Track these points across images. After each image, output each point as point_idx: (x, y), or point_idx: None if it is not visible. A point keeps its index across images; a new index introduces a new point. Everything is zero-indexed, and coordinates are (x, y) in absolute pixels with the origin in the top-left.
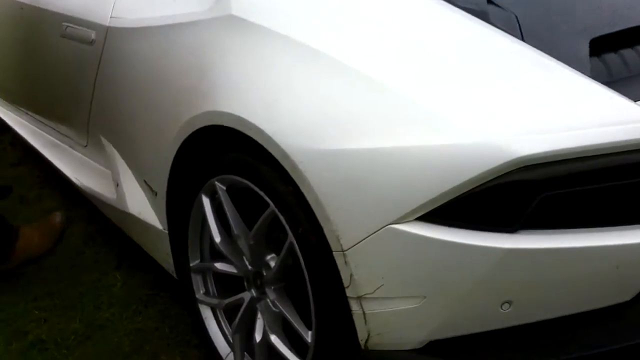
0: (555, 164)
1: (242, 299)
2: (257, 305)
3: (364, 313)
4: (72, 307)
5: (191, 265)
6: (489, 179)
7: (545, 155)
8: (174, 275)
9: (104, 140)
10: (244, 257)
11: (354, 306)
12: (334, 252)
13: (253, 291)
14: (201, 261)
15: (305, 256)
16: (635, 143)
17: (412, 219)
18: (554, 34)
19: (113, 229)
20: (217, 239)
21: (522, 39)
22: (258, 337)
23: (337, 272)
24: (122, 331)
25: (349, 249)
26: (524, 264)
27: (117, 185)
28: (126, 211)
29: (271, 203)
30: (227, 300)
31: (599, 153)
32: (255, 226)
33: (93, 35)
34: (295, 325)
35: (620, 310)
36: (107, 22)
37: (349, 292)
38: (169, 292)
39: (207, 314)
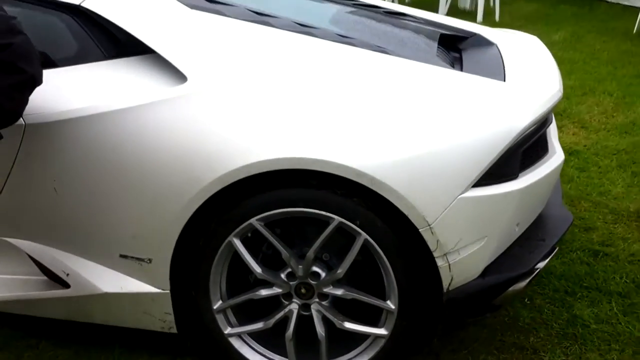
0: (528, 130)
1: (291, 311)
2: (312, 307)
3: (449, 264)
4: None
5: (215, 307)
6: (504, 151)
7: (527, 125)
8: (171, 331)
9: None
10: (284, 275)
11: (440, 262)
12: (420, 230)
13: (297, 301)
14: (223, 301)
15: (383, 244)
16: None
17: (470, 187)
18: None
19: None
20: (258, 270)
21: None
22: (322, 331)
23: (419, 244)
24: None
25: (433, 222)
26: (525, 194)
27: (68, 275)
28: (96, 293)
29: (336, 217)
30: (274, 319)
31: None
32: (318, 242)
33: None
34: (373, 301)
35: None
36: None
37: (436, 254)
38: None
39: (238, 344)
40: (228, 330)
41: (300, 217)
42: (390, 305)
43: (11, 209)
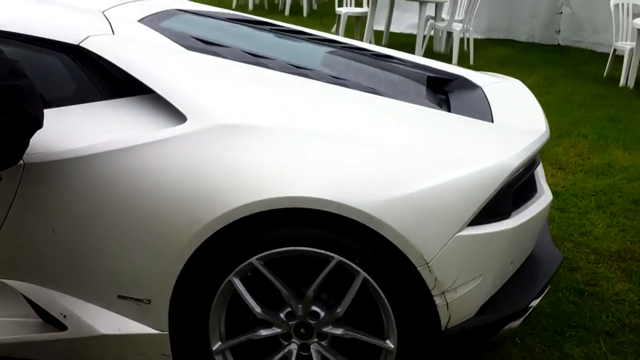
0: (520, 169)
1: (290, 351)
2: (311, 347)
3: (447, 303)
4: None
5: (214, 348)
6: (498, 190)
7: (520, 164)
8: None
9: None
10: (284, 315)
11: (438, 300)
12: (418, 268)
13: (296, 341)
14: (222, 342)
15: (381, 282)
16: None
17: (466, 226)
18: None
19: None
20: (258, 310)
21: None
22: None
23: (417, 282)
24: None
25: (431, 260)
26: (518, 232)
27: (65, 316)
28: (94, 335)
29: (335, 256)
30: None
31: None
32: (318, 280)
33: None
34: (372, 340)
35: None
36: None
37: (434, 292)
38: None
39: None
40: None
41: (299, 256)
42: (390, 344)
43: (8, 250)
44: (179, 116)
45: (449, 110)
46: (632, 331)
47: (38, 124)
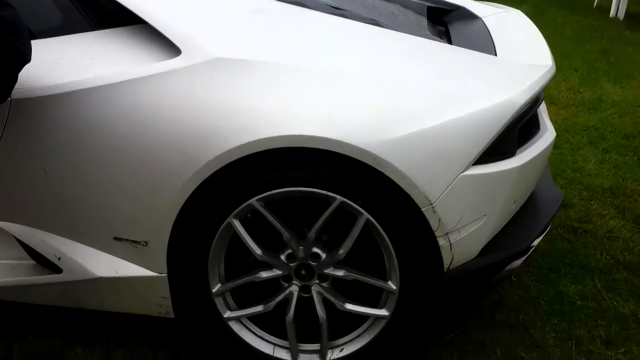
0: (523, 109)
1: (291, 293)
2: (312, 289)
3: (450, 244)
4: None
5: (214, 290)
6: (504, 128)
7: (526, 101)
8: (168, 316)
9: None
10: (284, 257)
11: (442, 241)
12: (422, 209)
13: (297, 283)
14: (222, 284)
15: (384, 223)
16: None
17: (470, 165)
18: None
19: None
20: (258, 252)
21: None
22: (322, 313)
23: (421, 223)
24: None
25: (435, 201)
26: (523, 171)
27: (59, 259)
28: (90, 278)
29: (338, 197)
30: (274, 301)
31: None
32: (319, 222)
33: None
34: (375, 282)
35: None
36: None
37: (437, 233)
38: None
39: (237, 327)
40: (227, 314)
41: (299, 197)
42: (392, 285)
43: (0, 191)
44: (172, 49)
45: (450, 43)
46: (626, 268)
47: (25, 58)
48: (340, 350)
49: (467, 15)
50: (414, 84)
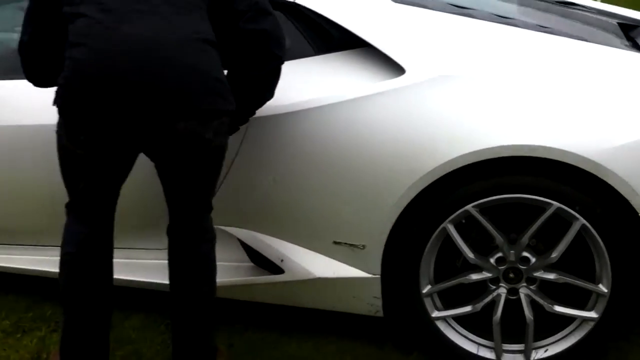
0: None
1: (499, 295)
2: (520, 291)
3: None
4: None
5: (423, 291)
6: None
7: None
8: (377, 315)
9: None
10: (494, 260)
11: None
12: None
13: (505, 285)
14: (431, 285)
15: (600, 229)
16: None
17: None
18: None
19: None
20: (471, 255)
21: None
22: (530, 315)
23: (637, 229)
24: None
25: None
26: None
27: (282, 261)
28: (309, 278)
29: (555, 203)
30: (482, 303)
31: None
32: (534, 227)
33: None
34: (587, 285)
35: None
36: None
37: None
38: None
39: (443, 326)
40: (435, 314)
41: (510, 204)
42: (603, 288)
43: (232, 199)
44: (394, 68)
45: None
46: None
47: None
48: (545, 351)
49: None
50: (631, 94)
